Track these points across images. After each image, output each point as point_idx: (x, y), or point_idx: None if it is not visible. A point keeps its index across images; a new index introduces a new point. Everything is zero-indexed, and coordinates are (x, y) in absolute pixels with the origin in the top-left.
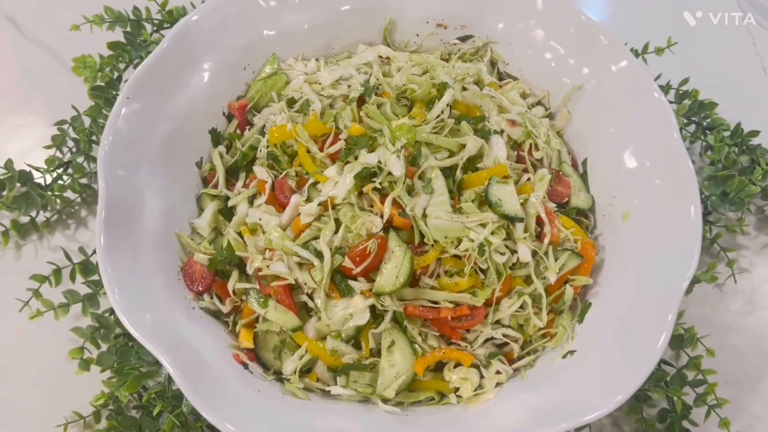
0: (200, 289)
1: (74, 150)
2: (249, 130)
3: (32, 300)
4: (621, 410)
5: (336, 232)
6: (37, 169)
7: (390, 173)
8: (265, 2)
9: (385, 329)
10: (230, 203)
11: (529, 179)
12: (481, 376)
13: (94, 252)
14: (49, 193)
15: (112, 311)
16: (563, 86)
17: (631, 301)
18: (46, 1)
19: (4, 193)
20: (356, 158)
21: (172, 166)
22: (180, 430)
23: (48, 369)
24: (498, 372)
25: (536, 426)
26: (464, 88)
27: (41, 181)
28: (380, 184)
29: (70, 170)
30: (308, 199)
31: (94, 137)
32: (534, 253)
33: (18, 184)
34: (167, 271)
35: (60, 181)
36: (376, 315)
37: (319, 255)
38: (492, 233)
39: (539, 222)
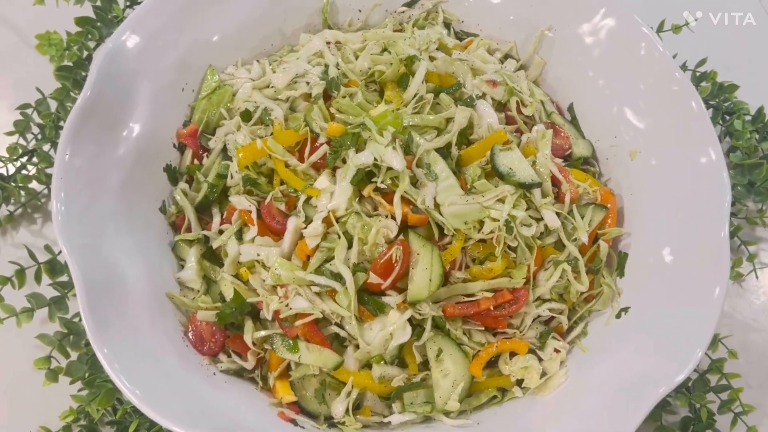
0: (214, 349)
1: (39, 137)
2: (207, 157)
3: None
4: None
5: (350, 247)
6: None
7: (390, 168)
8: (186, 10)
9: (429, 338)
10: (215, 245)
11: (528, 139)
12: (539, 359)
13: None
14: (12, 184)
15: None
16: (530, 32)
17: (673, 239)
18: None
19: None
20: (344, 161)
21: (135, 219)
22: None
23: (13, 379)
24: (556, 350)
25: (633, 399)
26: (432, 58)
27: (3, 171)
28: (382, 183)
29: (35, 159)
30: (307, 219)
31: (60, 123)
32: (558, 216)
33: None
34: (173, 341)
35: (24, 171)
36: (413, 326)
37: (338, 278)
38: (513, 206)
39: (554, 182)
